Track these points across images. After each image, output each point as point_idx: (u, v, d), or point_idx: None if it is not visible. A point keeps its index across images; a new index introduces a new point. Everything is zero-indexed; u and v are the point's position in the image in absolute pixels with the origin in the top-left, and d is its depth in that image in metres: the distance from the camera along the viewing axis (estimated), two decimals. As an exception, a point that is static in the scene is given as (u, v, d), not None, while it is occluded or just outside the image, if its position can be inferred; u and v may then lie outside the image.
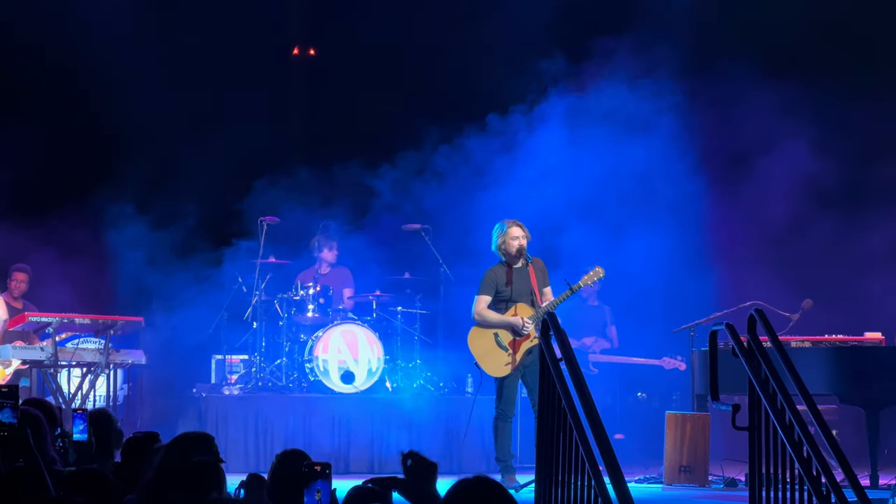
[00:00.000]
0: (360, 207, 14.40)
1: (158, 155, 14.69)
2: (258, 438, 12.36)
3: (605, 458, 5.73)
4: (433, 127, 14.16)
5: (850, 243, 13.73)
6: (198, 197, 14.24)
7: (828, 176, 13.67)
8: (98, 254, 14.19)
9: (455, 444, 12.33)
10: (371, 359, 12.70)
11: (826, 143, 13.68)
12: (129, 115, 14.00)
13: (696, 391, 11.67)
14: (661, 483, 11.16)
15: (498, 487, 4.11)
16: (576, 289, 10.75)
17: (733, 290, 13.43)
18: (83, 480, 5.28)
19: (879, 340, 11.49)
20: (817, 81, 13.46)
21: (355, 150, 14.70)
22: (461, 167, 13.93)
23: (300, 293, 12.90)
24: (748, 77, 13.58)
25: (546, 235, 12.78)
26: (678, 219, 13.81)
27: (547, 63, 13.99)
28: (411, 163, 14.13)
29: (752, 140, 14.05)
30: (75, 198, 14.28)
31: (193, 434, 6.22)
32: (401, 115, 14.94)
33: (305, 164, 14.88)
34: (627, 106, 13.62)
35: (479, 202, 13.40)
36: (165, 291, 14.00)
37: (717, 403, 7.78)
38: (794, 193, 13.72)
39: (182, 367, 14.00)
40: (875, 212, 13.82)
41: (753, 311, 7.45)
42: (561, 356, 6.58)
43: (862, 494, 6.49)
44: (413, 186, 14.19)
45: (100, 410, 7.08)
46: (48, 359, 12.19)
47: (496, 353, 10.69)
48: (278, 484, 6.00)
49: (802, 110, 13.50)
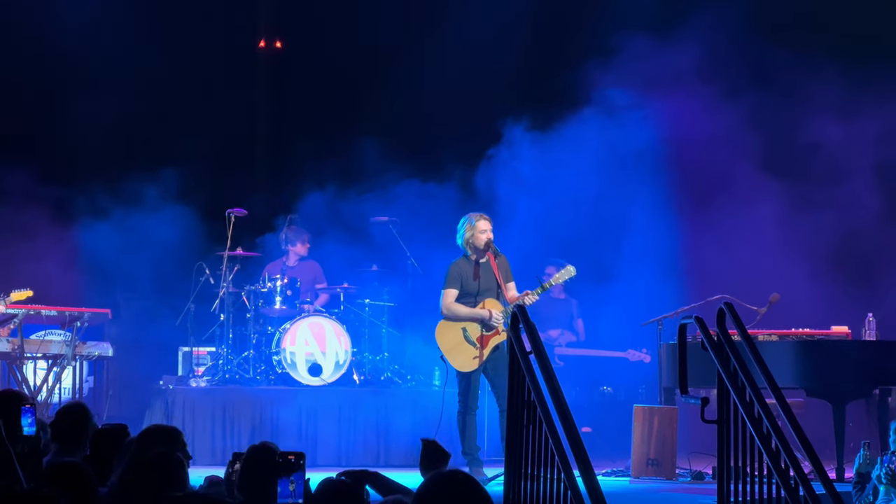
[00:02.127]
0: (328, 199, 14.35)
1: (124, 144, 14.64)
2: (225, 431, 12.32)
3: (574, 451, 5.73)
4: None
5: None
6: (165, 188, 14.15)
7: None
8: (64, 245, 14.09)
9: (422, 436, 12.30)
10: (338, 351, 12.68)
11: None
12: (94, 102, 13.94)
13: (664, 384, 11.68)
14: (628, 476, 11.17)
15: (470, 481, 4.10)
16: (547, 286, 10.75)
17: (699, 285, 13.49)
18: (60, 473, 5.25)
19: (846, 334, 11.53)
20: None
21: (322, 141, 14.70)
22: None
23: (268, 285, 12.86)
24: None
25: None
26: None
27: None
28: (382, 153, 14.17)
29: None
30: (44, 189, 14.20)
31: (161, 428, 6.20)
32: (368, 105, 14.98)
33: (273, 155, 14.85)
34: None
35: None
36: (132, 283, 13.95)
37: (686, 397, 7.79)
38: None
39: (149, 360, 13.95)
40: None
41: (723, 304, 7.46)
42: (531, 349, 6.58)
43: (830, 487, 6.52)
44: (382, 179, 14.20)
45: (76, 403, 7.03)
46: (14, 350, 12.11)
47: (464, 348, 10.66)
48: (250, 477, 5.98)
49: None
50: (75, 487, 5.13)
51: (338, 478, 5.54)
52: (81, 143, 14.49)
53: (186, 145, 14.46)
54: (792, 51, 13.67)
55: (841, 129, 13.71)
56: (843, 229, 13.77)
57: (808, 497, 6.35)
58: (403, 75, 15.23)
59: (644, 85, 13.89)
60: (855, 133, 13.71)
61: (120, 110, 14.36)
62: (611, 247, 14.04)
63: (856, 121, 13.65)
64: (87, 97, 14.18)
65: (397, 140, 14.78)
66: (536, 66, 15.32)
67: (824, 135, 13.82)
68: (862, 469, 8.82)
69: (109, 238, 13.77)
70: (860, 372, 11.07)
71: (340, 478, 5.56)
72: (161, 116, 14.99)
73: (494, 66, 14.99)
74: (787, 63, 13.80)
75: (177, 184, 13.95)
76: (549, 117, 13.96)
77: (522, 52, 15.07)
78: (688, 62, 13.62)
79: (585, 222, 13.93)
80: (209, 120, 15.02)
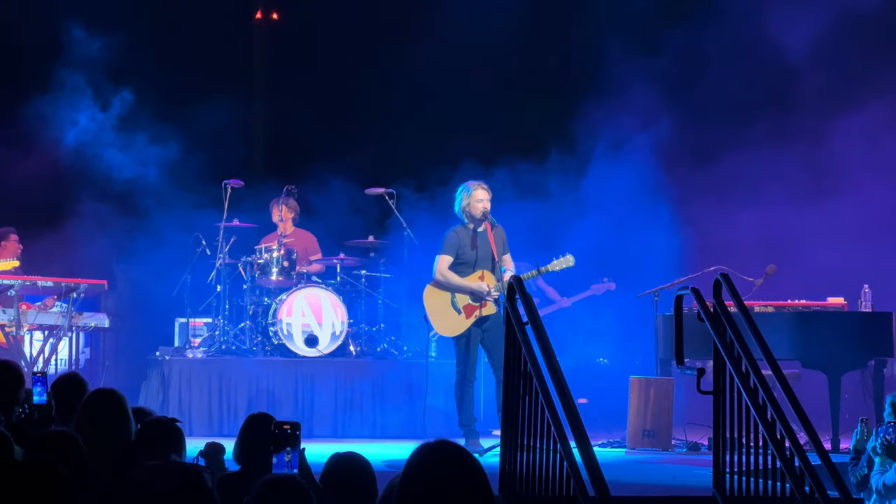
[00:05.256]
0: (326, 171, 14.33)
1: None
2: (221, 402, 12.34)
3: (570, 421, 5.73)
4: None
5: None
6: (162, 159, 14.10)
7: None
8: (62, 215, 14.06)
9: (418, 408, 12.34)
10: (335, 322, 12.67)
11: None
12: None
13: (660, 356, 11.71)
14: (624, 447, 11.21)
15: (462, 452, 4.07)
16: (543, 271, 10.78)
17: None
18: (54, 443, 5.26)
19: (842, 306, 11.56)
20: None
21: (321, 113, 14.67)
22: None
23: (264, 256, 12.85)
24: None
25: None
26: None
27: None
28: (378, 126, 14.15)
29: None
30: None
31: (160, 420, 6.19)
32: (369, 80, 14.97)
33: (270, 128, 14.82)
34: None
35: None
36: (128, 254, 13.93)
37: (682, 368, 7.79)
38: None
39: (145, 331, 13.93)
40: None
41: (719, 275, 7.46)
42: (527, 319, 6.57)
43: (825, 457, 6.53)
44: (378, 151, 14.19)
45: (72, 374, 7.04)
46: (10, 322, 12.11)
47: (448, 314, 10.69)
48: (247, 446, 5.99)
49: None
50: (70, 456, 5.15)
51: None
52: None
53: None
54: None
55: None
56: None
57: (803, 468, 6.35)
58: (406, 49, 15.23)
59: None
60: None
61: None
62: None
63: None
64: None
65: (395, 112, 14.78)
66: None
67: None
68: (859, 446, 8.82)
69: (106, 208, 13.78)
70: (856, 343, 11.10)
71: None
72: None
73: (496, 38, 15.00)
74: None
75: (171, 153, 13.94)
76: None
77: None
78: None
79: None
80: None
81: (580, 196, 14.13)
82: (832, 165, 13.90)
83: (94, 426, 5.81)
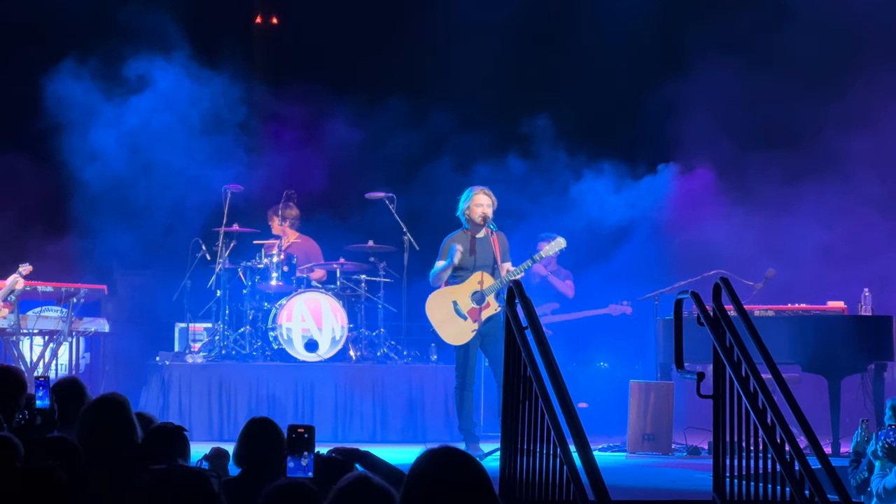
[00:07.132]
0: (324, 175, 14.33)
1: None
2: (221, 407, 12.33)
3: (570, 426, 5.73)
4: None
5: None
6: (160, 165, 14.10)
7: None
8: (60, 220, 14.06)
9: (418, 412, 12.35)
10: (335, 327, 12.66)
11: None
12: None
13: (660, 359, 11.70)
14: (624, 451, 11.20)
15: (466, 457, 4.09)
16: (537, 258, 10.75)
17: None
18: (53, 448, 5.26)
19: (842, 309, 11.55)
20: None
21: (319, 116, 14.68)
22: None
23: (264, 261, 12.84)
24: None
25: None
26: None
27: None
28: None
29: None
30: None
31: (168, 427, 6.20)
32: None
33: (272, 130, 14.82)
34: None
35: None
36: (128, 260, 13.92)
37: (682, 372, 7.79)
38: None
39: (145, 336, 13.94)
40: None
41: (719, 279, 7.45)
42: (526, 324, 6.57)
43: (825, 461, 6.52)
44: (378, 154, 14.18)
45: (70, 379, 7.04)
46: (10, 327, 12.11)
47: (454, 321, 10.66)
48: (248, 450, 5.99)
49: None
50: (67, 462, 5.15)
51: (329, 454, 5.54)
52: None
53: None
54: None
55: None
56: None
57: (803, 471, 6.36)
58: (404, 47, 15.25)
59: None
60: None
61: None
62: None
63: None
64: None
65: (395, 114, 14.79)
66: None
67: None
68: (859, 448, 8.83)
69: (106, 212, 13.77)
70: (856, 347, 11.10)
71: (331, 454, 5.56)
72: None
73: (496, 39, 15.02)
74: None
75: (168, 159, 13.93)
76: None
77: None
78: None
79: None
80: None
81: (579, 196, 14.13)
82: (832, 165, 13.91)
83: (98, 432, 5.84)
